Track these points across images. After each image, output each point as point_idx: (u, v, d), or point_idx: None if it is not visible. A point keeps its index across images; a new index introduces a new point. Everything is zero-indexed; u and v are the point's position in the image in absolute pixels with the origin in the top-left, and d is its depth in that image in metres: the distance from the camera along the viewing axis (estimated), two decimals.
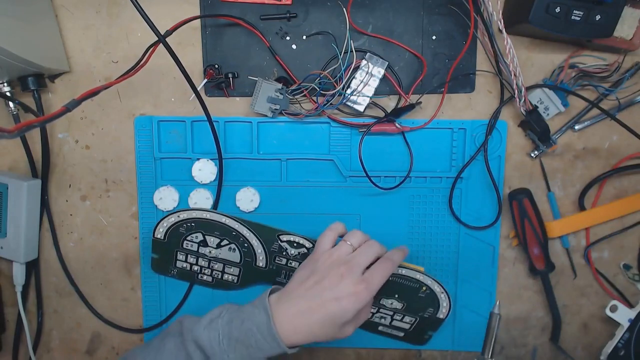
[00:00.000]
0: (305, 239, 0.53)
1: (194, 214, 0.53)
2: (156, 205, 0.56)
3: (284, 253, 0.54)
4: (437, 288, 0.53)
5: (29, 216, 0.55)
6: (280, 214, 0.56)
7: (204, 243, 0.54)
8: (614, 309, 0.55)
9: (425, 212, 0.57)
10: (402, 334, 0.57)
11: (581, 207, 0.56)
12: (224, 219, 0.53)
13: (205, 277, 0.57)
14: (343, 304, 0.42)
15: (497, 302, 0.54)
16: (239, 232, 0.53)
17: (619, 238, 0.57)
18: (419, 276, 0.52)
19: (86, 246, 0.59)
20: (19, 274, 0.57)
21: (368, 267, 0.46)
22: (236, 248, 0.54)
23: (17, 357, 0.60)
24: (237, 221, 0.53)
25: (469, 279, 0.57)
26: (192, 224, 0.54)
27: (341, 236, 0.49)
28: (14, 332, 0.60)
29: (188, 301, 0.58)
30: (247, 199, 0.56)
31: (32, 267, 0.59)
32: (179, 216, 0.53)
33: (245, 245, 0.54)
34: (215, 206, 0.56)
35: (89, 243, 0.59)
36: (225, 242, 0.54)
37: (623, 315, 0.54)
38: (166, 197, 0.56)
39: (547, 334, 0.59)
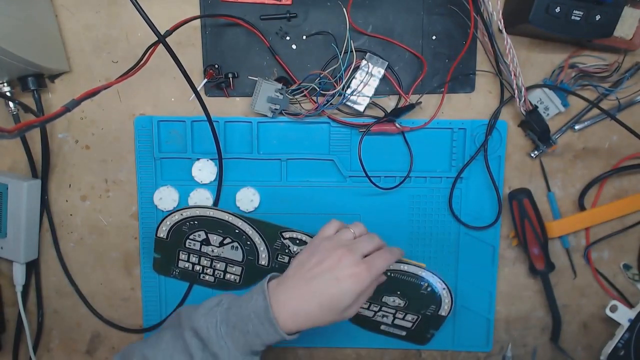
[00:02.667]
0: (308, 235, 0.53)
1: (197, 212, 0.53)
2: (156, 205, 0.56)
3: (287, 251, 0.54)
4: (438, 285, 0.53)
5: (29, 216, 0.55)
6: (280, 214, 0.56)
7: (206, 242, 0.54)
8: (614, 309, 0.55)
9: (425, 212, 0.57)
10: (404, 333, 0.57)
11: (581, 207, 0.56)
12: (227, 217, 0.53)
13: (207, 277, 0.57)
14: (342, 285, 0.41)
15: (509, 345, 0.57)
16: (241, 229, 0.53)
17: (619, 238, 0.57)
18: (421, 272, 0.52)
19: (86, 246, 0.59)
20: (19, 274, 0.57)
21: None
22: (239, 246, 0.54)
23: (17, 357, 0.60)
24: (240, 219, 0.53)
25: (469, 279, 0.57)
26: (195, 222, 0.54)
27: None
28: (14, 332, 0.60)
29: (188, 301, 0.58)
30: (247, 199, 0.56)
31: (32, 267, 0.59)
32: (182, 214, 0.53)
33: (248, 243, 0.54)
34: (215, 206, 0.56)
35: (89, 243, 0.59)
36: (227, 240, 0.54)
37: (623, 315, 0.54)
38: (166, 197, 0.56)
39: (547, 334, 0.59)
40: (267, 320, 0.41)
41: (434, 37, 0.54)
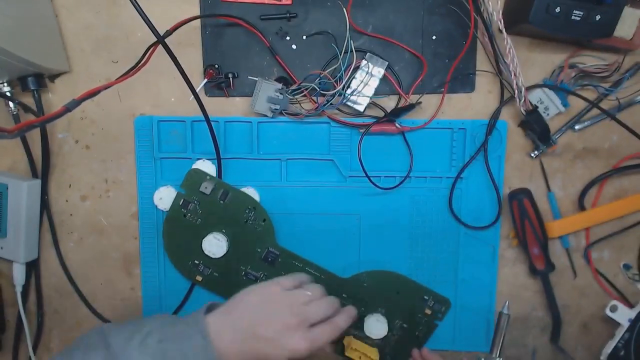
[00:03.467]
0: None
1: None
2: (156, 205, 0.56)
3: None
4: None
5: (29, 216, 0.55)
6: (280, 214, 0.56)
7: None
8: (614, 309, 0.55)
9: (425, 212, 0.57)
10: None
11: (581, 207, 0.56)
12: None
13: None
14: (280, 353, 0.43)
15: (507, 303, 0.54)
16: None
17: (619, 238, 0.57)
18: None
19: (86, 246, 0.59)
20: (19, 274, 0.57)
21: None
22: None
23: (17, 357, 0.60)
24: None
25: (469, 279, 0.57)
26: None
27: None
28: (14, 332, 0.60)
29: (189, 301, 0.58)
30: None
31: (32, 267, 0.59)
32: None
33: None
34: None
35: (89, 243, 0.59)
36: None
37: (623, 315, 0.54)
38: (166, 197, 0.55)
39: (547, 334, 0.59)
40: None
41: (434, 37, 0.54)
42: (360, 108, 0.53)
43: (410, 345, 0.57)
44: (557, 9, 0.46)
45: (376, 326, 0.55)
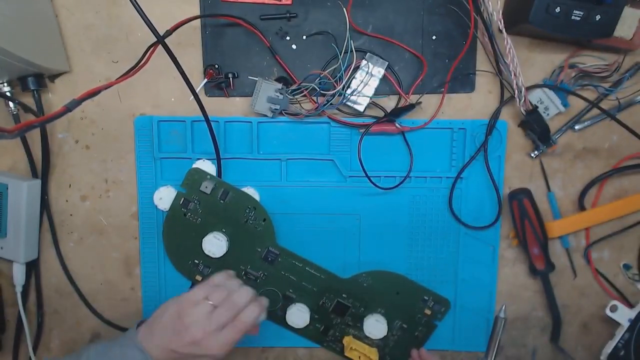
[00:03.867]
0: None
1: None
2: (156, 205, 0.56)
3: None
4: None
5: (29, 216, 0.55)
6: (280, 213, 0.56)
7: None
8: (614, 309, 0.55)
9: (425, 212, 0.57)
10: None
11: (581, 207, 0.56)
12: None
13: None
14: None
15: (504, 307, 0.54)
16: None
17: (619, 238, 0.57)
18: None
19: (86, 246, 0.59)
20: (19, 274, 0.57)
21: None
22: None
23: (17, 357, 0.60)
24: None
25: (469, 279, 0.57)
26: None
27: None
28: (14, 332, 0.60)
29: None
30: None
31: (32, 267, 0.59)
32: None
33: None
34: None
35: (89, 243, 0.59)
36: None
37: (623, 315, 0.54)
38: (166, 197, 0.55)
39: (547, 334, 0.59)
40: None
41: (434, 37, 0.54)
42: (360, 108, 0.53)
43: (409, 345, 0.57)
44: (557, 9, 0.46)
45: (376, 326, 0.55)
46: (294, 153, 0.56)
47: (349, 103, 0.53)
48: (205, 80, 0.54)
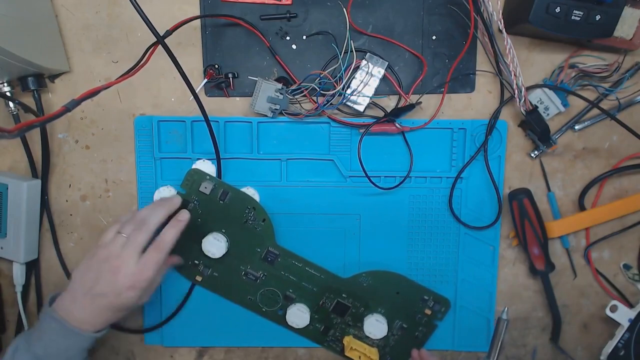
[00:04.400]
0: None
1: None
2: None
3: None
4: None
5: (29, 216, 0.55)
6: (280, 213, 0.56)
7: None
8: (614, 309, 0.55)
9: (425, 212, 0.57)
10: None
11: (581, 207, 0.56)
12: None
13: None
14: (123, 297, 0.44)
15: (506, 309, 0.54)
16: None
17: (619, 238, 0.57)
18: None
19: (86, 246, 0.59)
20: (19, 274, 0.57)
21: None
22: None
23: None
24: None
25: (469, 279, 0.57)
26: None
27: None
28: (14, 332, 0.60)
29: (188, 301, 0.58)
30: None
31: (32, 267, 0.59)
32: None
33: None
34: None
35: (89, 243, 0.59)
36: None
37: (623, 315, 0.54)
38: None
39: (547, 334, 0.59)
40: (69, 333, 0.44)
41: (434, 37, 0.54)
42: (360, 108, 0.53)
43: (410, 345, 0.57)
44: (557, 9, 0.46)
45: (376, 326, 0.55)
46: (294, 153, 0.56)
47: (349, 103, 0.53)
48: (205, 80, 0.54)
